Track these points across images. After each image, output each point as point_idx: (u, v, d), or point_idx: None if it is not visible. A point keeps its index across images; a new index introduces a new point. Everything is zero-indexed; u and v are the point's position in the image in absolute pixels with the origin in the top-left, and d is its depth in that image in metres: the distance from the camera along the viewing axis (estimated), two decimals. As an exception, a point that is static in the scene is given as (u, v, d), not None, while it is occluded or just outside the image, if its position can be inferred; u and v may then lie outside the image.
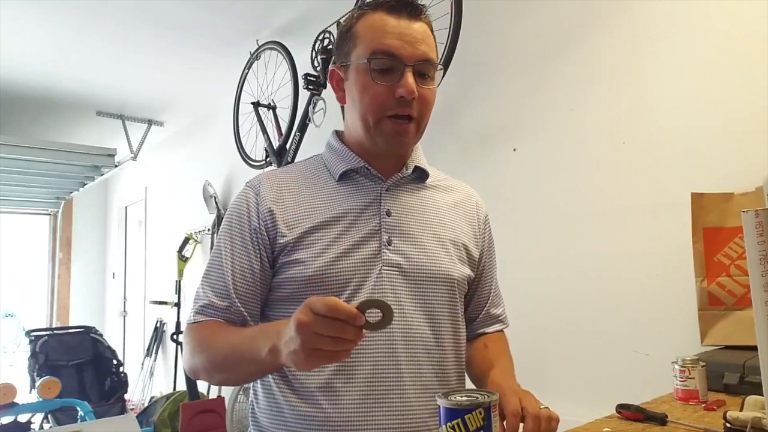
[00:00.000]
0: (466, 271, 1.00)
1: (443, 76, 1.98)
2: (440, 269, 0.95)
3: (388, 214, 0.95)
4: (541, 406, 0.81)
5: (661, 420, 0.92)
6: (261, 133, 3.08)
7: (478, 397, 0.64)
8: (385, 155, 0.97)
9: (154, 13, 2.89)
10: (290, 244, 0.92)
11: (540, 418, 0.78)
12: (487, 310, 1.08)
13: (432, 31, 0.97)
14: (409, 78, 0.90)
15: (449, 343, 0.96)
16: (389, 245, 0.93)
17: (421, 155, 1.04)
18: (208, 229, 4.05)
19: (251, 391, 1.01)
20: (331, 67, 1.01)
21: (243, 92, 3.25)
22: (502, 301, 1.12)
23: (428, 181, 1.03)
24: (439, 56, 1.86)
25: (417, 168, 1.01)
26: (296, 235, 0.92)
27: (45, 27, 3.03)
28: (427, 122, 0.97)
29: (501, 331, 1.10)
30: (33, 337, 3.89)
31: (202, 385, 3.38)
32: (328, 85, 1.17)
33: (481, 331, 1.07)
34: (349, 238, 0.92)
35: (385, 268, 0.92)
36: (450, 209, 1.03)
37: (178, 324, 4.07)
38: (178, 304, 4.18)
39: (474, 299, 1.06)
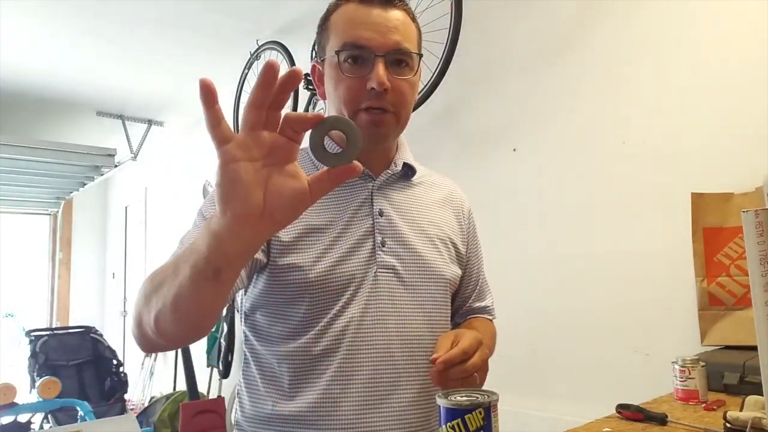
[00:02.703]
0: (456, 270, 1.00)
1: (438, 72, 1.99)
2: (433, 269, 0.94)
3: (381, 214, 0.93)
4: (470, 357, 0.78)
5: (661, 420, 0.92)
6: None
7: (478, 397, 0.64)
8: (369, 150, 0.94)
9: (154, 13, 2.89)
10: (284, 245, 0.88)
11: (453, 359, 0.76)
12: (470, 304, 1.07)
13: (412, 17, 0.93)
14: (380, 69, 0.86)
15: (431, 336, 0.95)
16: (383, 247, 0.91)
17: (407, 151, 1.02)
18: (208, 229, 4.05)
19: (236, 400, 0.97)
20: (311, 62, 0.99)
21: (243, 92, 3.25)
22: (488, 295, 1.10)
23: (414, 177, 1.01)
24: (440, 56, 1.89)
25: (405, 165, 0.99)
26: (291, 237, 0.88)
27: (45, 27, 3.03)
28: (408, 113, 0.94)
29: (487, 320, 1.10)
30: (33, 337, 3.89)
31: (202, 386, 3.38)
32: None
33: (462, 321, 1.07)
34: (345, 241, 0.90)
35: (380, 270, 0.90)
36: (438, 206, 1.01)
37: (178, 324, 4.07)
38: (178, 304, 4.18)
39: (459, 294, 1.05)
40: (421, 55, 0.94)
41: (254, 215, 0.54)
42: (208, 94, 0.51)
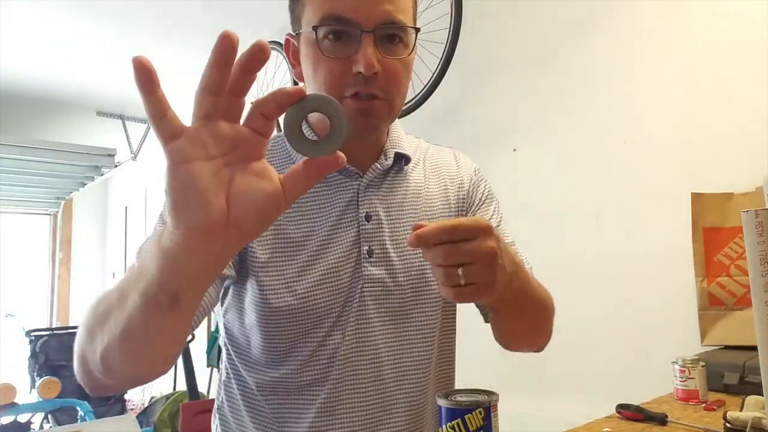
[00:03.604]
0: None
1: (438, 72, 1.99)
2: (429, 276, 0.82)
3: (368, 218, 0.80)
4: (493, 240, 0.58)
5: (661, 420, 0.92)
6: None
7: (478, 397, 0.64)
8: (355, 142, 0.77)
9: (155, 13, 2.89)
10: (261, 263, 0.76)
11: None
12: None
13: None
14: (368, 48, 0.70)
15: (438, 358, 0.86)
16: (370, 257, 0.79)
17: (400, 135, 0.88)
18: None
19: (217, 415, 0.88)
20: (286, 35, 0.83)
21: (243, 92, 3.24)
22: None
23: (410, 164, 0.87)
24: (439, 56, 1.89)
25: (396, 155, 0.85)
26: (267, 255, 0.76)
27: (45, 27, 3.03)
28: (402, 99, 0.78)
29: None
30: (33, 337, 3.89)
31: (202, 386, 3.38)
32: None
33: None
34: (327, 255, 0.77)
35: (367, 285, 0.78)
36: (437, 191, 0.88)
37: (178, 324, 4.07)
38: (178, 304, 4.17)
39: None
40: (417, 29, 0.78)
41: (216, 227, 0.43)
42: (145, 76, 0.40)
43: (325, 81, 0.73)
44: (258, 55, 0.42)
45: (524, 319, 0.80)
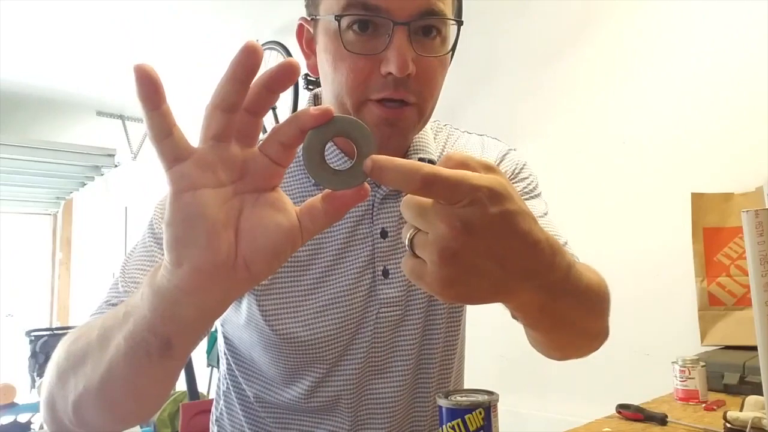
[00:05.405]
0: None
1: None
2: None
3: (383, 235, 0.71)
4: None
5: (661, 420, 0.93)
6: (261, 133, 3.07)
7: (478, 397, 0.64)
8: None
9: (154, 13, 2.89)
10: (263, 287, 0.69)
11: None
12: None
13: None
14: (401, 44, 0.60)
15: (447, 375, 0.81)
16: (386, 278, 0.71)
17: (425, 136, 0.77)
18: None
19: (215, 426, 0.82)
20: (299, 19, 0.72)
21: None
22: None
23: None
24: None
25: (421, 160, 0.73)
26: (268, 279, 0.68)
27: (45, 27, 3.03)
28: (434, 104, 0.69)
29: None
30: (33, 337, 3.89)
31: (202, 385, 3.38)
32: None
33: None
34: (336, 279, 0.70)
35: (383, 310, 0.71)
36: None
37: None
38: (178, 304, 4.18)
39: None
40: (460, 23, 0.69)
41: (223, 268, 0.38)
42: (149, 87, 0.35)
43: (347, 81, 0.63)
44: (287, 75, 0.36)
45: (566, 326, 0.57)
